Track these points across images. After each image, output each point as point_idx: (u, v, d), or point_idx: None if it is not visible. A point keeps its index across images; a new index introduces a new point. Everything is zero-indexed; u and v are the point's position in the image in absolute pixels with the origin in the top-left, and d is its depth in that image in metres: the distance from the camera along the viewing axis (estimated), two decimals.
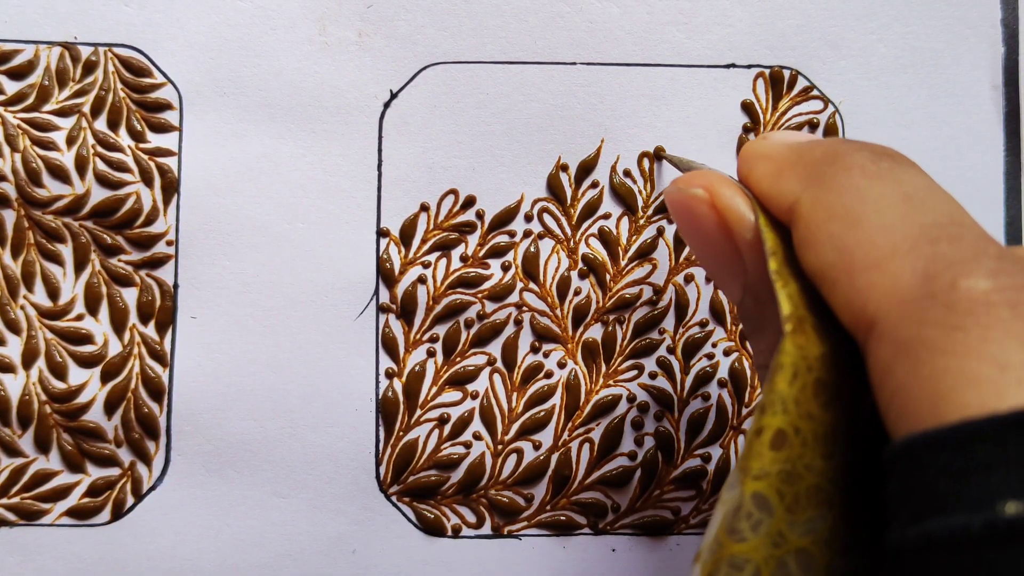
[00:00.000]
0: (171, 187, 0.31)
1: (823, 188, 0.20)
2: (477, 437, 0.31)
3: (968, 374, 0.15)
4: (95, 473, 0.30)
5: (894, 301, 0.17)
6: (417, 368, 0.31)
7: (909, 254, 0.17)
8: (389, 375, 0.31)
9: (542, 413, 0.31)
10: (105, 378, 0.31)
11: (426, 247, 0.31)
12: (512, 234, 0.32)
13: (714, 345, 0.32)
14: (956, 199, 0.20)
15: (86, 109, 0.31)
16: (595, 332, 0.31)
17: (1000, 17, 0.33)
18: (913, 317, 0.16)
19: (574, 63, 0.32)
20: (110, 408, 0.30)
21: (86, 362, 0.31)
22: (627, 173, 0.32)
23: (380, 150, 0.31)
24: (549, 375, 0.31)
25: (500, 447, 0.31)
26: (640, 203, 0.32)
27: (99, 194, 0.31)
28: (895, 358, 0.16)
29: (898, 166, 0.20)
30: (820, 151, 0.21)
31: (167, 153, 0.31)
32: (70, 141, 0.31)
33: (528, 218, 0.32)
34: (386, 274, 0.31)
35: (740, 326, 0.31)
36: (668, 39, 0.32)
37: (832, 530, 0.18)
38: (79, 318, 0.31)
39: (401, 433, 0.31)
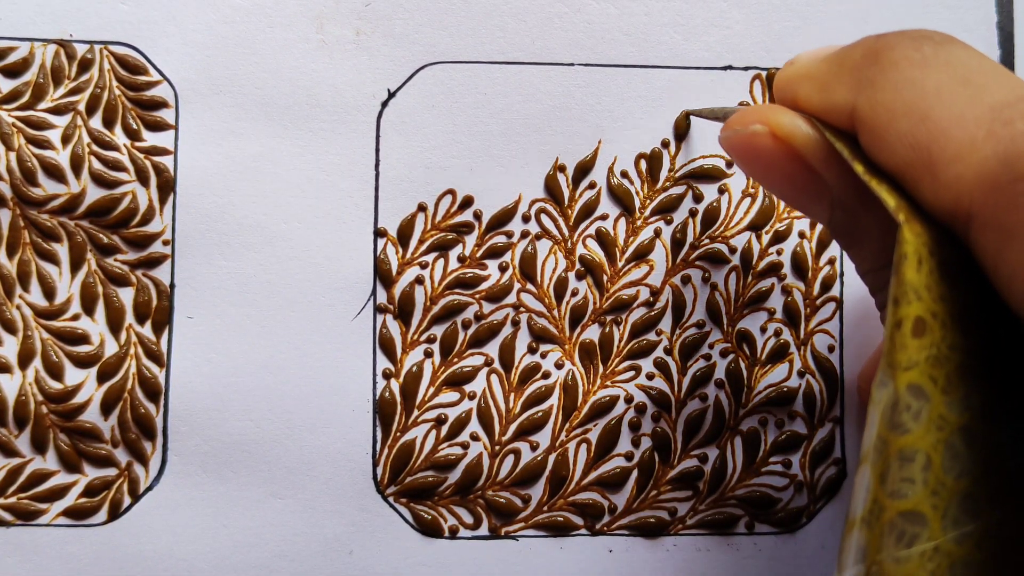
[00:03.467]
0: (167, 186, 0.31)
1: (877, 89, 0.20)
2: (474, 438, 0.31)
3: None
4: (92, 473, 0.30)
5: (985, 190, 0.17)
6: (414, 369, 0.31)
7: (988, 140, 0.18)
8: (386, 375, 0.31)
9: (539, 414, 0.31)
10: (101, 378, 0.30)
11: (424, 247, 0.31)
12: (510, 235, 0.32)
13: (711, 346, 0.32)
14: (1008, 68, 0.20)
15: (81, 107, 0.31)
16: (592, 333, 0.31)
17: (995, 21, 0.33)
18: (1010, 202, 0.17)
19: (572, 64, 0.32)
20: (107, 408, 0.30)
21: (82, 362, 0.30)
22: (624, 174, 0.32)
23: (378, 150, 0.31)
24: (546, 376, 0.31)
25: (497, 448, 0.31)
26: (637, 204, 0.32)
27: (95, 193, 0.31)
28: (1003, 244, 0.17)
29: (941, 47, 0.20)
30: (859, 54, 0.21)
31: (163, 152, 0.31)
32: (65, 139, 0.31)
33: (526, 219, 0.32)
34: (384, 274, 0.31)
35: (737, 327, 0.32)
36: (665, 41, 0.32)
37: (986, 402, 0.18)
38: (75, 318, 0.31)
39: (398, 434, 0.31)
